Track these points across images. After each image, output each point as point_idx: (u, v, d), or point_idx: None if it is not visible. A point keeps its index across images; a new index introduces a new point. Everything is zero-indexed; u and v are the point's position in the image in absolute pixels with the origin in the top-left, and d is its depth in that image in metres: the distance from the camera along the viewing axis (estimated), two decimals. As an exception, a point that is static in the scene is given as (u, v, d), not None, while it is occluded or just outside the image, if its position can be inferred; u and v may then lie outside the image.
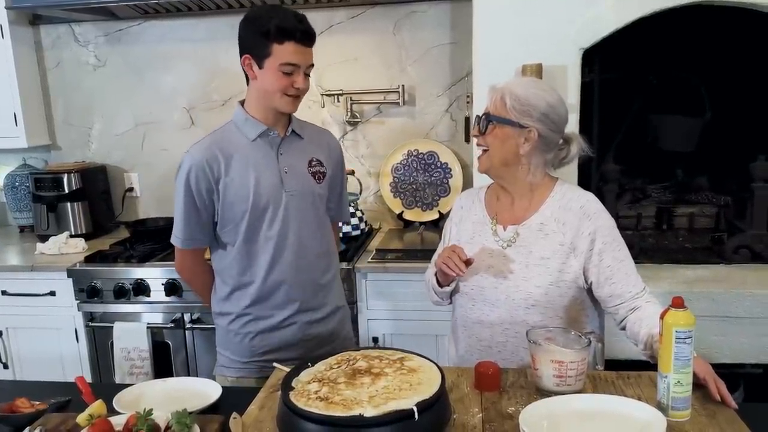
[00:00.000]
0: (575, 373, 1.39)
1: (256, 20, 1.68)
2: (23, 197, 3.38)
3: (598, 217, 1.61)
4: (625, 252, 1.62)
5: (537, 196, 1.67)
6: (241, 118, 1.79)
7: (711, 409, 1.34)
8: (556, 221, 1.63)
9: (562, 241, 1.61)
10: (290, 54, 1.66)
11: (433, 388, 1.25)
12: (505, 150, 1.62)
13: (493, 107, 1.61)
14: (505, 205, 1.71)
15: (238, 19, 3.10)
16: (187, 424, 1.26)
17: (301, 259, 1.82)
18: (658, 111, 2.78)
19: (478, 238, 1.71)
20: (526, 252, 1.63)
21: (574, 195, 1.66)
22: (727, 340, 2.32)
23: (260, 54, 1.69)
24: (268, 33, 1.65)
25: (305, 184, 1.81)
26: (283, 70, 1.67)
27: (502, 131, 1.60)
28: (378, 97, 3.13)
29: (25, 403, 1.48)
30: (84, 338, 2.77)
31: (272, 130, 1.79)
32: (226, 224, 1.78)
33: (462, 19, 2.95)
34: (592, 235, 1.60)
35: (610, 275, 1.60)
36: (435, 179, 3.09)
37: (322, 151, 1.89)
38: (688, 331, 1.27)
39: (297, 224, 1.80)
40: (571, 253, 1.61)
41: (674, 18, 2.34)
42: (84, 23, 3.29)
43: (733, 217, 2.70)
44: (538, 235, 1.64)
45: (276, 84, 1.69)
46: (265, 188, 1.75)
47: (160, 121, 3.35)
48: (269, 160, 1.78)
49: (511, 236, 1.66)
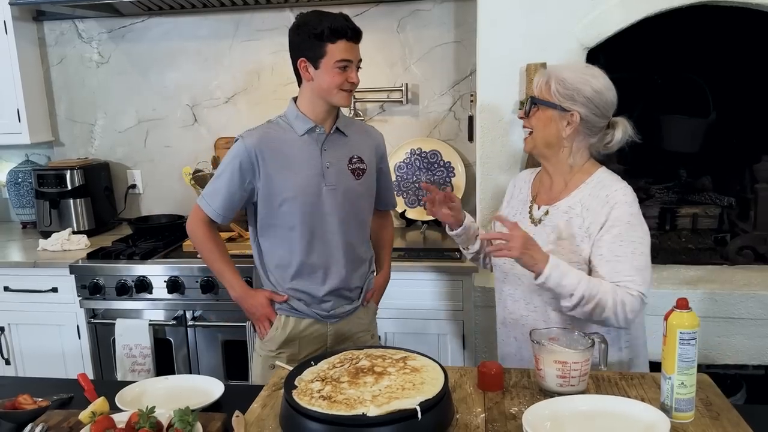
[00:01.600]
0: (579, 374, 1.39)
1: (308, 25, 1.79)
2: (26, 193, 3.38)
3: (618, 207, 1.61)
4: (630, 249, 1.58)
5: (574, 180, 1.70)
6: (292, 114, 1.91)
7: (715, 410, 1.33)
8: (582, 206, 1.65)
9: (581, 225, 1.64)
10: (343, 51, 1.78)
11: (437, 387, 1.25)
12: (548, 132, 1.66)
13: (538, 90, 1.66)
14: (545, 185, 1.76)
15: (241, 16, 3.17)
16: (190, 422, 1.26)
17: (337, 251, 1.92)
18: (663, 111, 2.77)
19: (518, 216, 1.78)
20: (549, 231, 1.68)
21: (607, 183, 1.67)
22: (730, 342, 2.31)
23: (315, 55, 1.80)
24: (322, 35, 1.76)
25: (344, 179, 1.92)
26: (338, 66, 1.79)
27: (545, 114, 1.65)
28: (381, 95, 3.12)
29: (27, 400, 1.48)
30: (86, 335, 2.77)
31: (319, 126, 1.90)
32: (267, 211, 1.89)
33: (466, 17, 2.95)
34: (606, 221, 1.61)
35: (599, 263, 1.59)
36: (438, 178, 3.08)
37: (366, 148, 1.99)
38: (692, 332, 1.27)
39: (335, 218, 1.90)
40: (586, 238, 1.63)
41: (679, 18, 2.33)
42: (88, 20, 3.29)
43: (736, 217, 2.70)
44: (563, 217, 1.67)
45: (333, 81, 1.80)
46: (307, 181, 1.87)
47: (163, 118, 3.35)
48: (313, 155, 1.89)
49: (541, 215, 1.72)
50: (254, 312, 1.96)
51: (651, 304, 2.32)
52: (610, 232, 1.59)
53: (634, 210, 1.62)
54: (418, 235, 2.99)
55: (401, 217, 3.13)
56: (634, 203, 1.64)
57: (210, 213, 1.92)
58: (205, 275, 2.60)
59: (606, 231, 1.60)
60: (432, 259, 2.60)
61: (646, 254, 1.60)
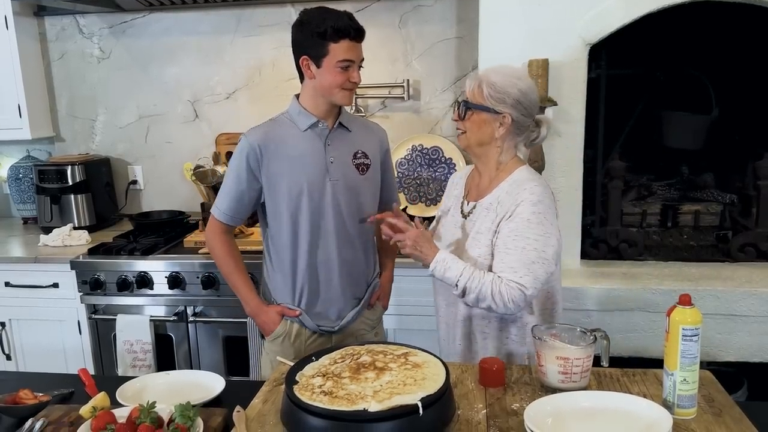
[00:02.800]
0: (580, 370, 1.39)
1: (311, 23, 1.78)
2: (27, 189, 3.38)
3: (522, 204, 1.66)
4: (521, 244, 1.62)
5: (498, 178, 1.77)
6: (295, 110, 1.91)
7: (717, 407, 1.33)
8: (499, 202, 1.72)
9: (493, 219, 1.71)
10: (346, 51, 1.77)
11: (438, 383, 1.25)
12: (482, 133, 1.73)
13: (471, 94, 1.72)
14: (476, 182, 1.84)
15: (242, 12, 3.16)
16: (191, 417, 1.26)
17: (343, 245, 1.93)
18: (665, 108, 2.76)
19: (453, 211, 1.87)
20: (471, 225, 1.77)
21: (522, 181, 1.72)
22: (732, 339, 2.31)
23: (318, 54, 1.79)
24: (325, 33, 1.75)
25: (349, 174, 1.92)
26: (340, 66, 1.78)
27: (479, 117, 1.71)
28: (383, 91, 3.12)
29: (28, 395, 1.48)
30: (87, 330, 2.77)
31: (322, 122, 1.90)
32: (273, 208, 1.90)
33: (468, 13, 2.94)
34: (509, 216, 1.67)
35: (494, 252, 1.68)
36: (439, 174, 3.08)
37: (370, 143, 2.00)
38: (695, 328, 1.27)
39: (339, 211, 1.91)
40: (494, 231, 1.70)
41: (682, 14, 2.32)
42: (89, 15, 3.28)
43: (738, 215, 2.69)
44: (484, 212, 1.74)
45: (335, 80, 1.80)
46: (311, 175, 1.87)
47: (164, 113, 3.34)
48: (317, 150, 1.89)
49: (469, 210, 1.80)
50: (266, 328, 1.98)
51: (653, 300, 2.33)
52: (508, 226, 1.67)
53: (537, 209, 1.65)
54: (419, 231, 2.98)
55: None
56: (541, 203, 1.66)
57: (221, 217, 1.94)
58: (206, 271, 2.59)
59: (505, 224, 1.67)
60: (433, 255, 2.59)
61: (538, 250, 1.63)
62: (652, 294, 2.32)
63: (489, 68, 1.77)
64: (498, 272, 1.64)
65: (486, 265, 1.69)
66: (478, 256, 1.71)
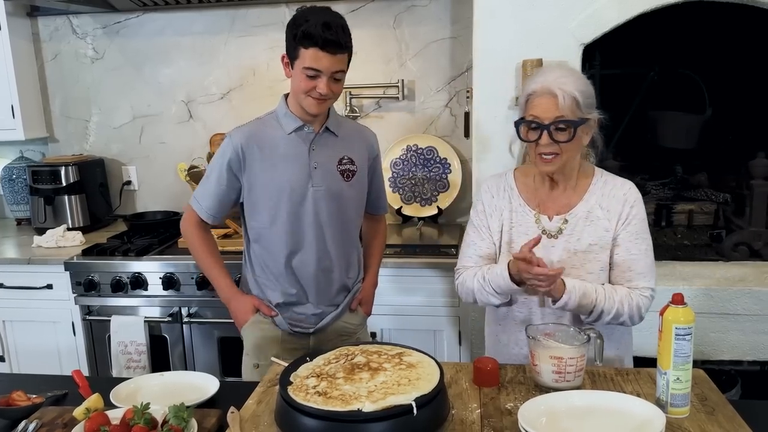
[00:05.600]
0: (574, 370, 1.39)
1: (294, 22, 1.73)
2: (20, 190, 3.37)
3: (636, 204, 1.64)
4: (642, 247, 1.63)
5: (581, 185, 1.68)
6: (282, 111, 1.86)
7: (710, 405, 1.33)
8: (601, 208, 1.65)
9: (607, 228, 1.64)
10: (312, 59, 1.70)
11: (432, 383, 1.25)
12: (578, 149, 1.62)
13: (568, 111, 1.53)
14: (549, 194, 1.69)
15: (236, 12, 3.16)
16: (185, 418, 1.26)
17: (322, 252, 1.88)
18: (659, 107, 2.77)
19: (518, 228, 1.70)
20: (575, 240, 1.64)
21: (616, 182, 1.68)
22: (726, 337, 2.32)
23: (291, 55, 1.75)
24: (296, 36, 1.70)
25: (332, 180, 1.86)
26: (306, 73, 1.72)
27: (579, 131, 1.57)
28: (377, 91, 3.12)
29: (21, 396, 1.48)
30: (81, 332, 2.76)
31: (308, 125, 1.84)
32: (252, 210, 1.87)
33: (462, 13, 2.94)
34: (625, 219, 1.63)
35: (616, 261, 1.63)
36: (434, 174, 3.08)
37: (358, 149, 1.93)
38: (687, 327, 1.27)
39: (321, 220, 1.85)
40: (610, 239, 1.64)
41: (676, 14, 2.33)
42: (82, 15, 3.27)
43: (732, 214, 2.70)
44: (585, 223, 1.65)
45: (300, 86, 1.75)
46: (293, 181, 1.82)
47: (159, 114, 3.33)
48: (300, 155, 1.83)
49: (558, 226, 1.66)
50: (237, 316, 1.95)
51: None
52: (627, 230, 1.62)
53: (644, 207, 1.66)
54: (414, 231, 2.98)
55: (397, 214, 3.12)
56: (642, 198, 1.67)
57: (201, 213, 1.91)
58: (200, 272, 2.59)
59: (623, 229, 1.62)
60: (428, 255, 2.59)
61: (652, 248, 1.65)
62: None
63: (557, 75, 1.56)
64: (627, 282, 1.60)
65: (605, 277, 1.63)
66: (600, 270, 1.62)
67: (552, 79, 1.55)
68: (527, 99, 1.59)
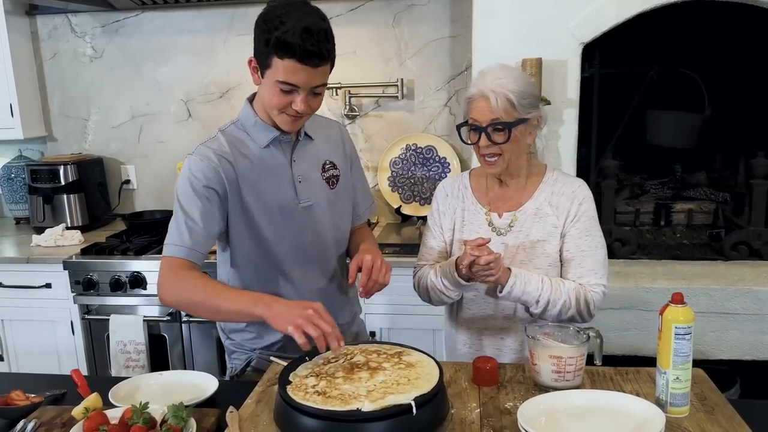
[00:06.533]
0: (574, 369, 1.39)
1: (266, 22, 1.41)
2: (19, 189, 3.36)
3: (585, 201, 1.66)
4: (592, 244, 1.64)
5: (531, 183, 1.70)
6: (250, 121, 1.58)
7: (710, 405, 1.33)
8: (549, 205, 1.67)
9: (555, 224, 1.66)
10: (288, 72, 1.41)
11: (431, 382, 1.25)
12: (520, 148, 1.62)
13: (503, 113, 1.53)
14: (499, 192, 1.72)
15: (236, 10, 3.15)
16: (183, 418, 1.26)
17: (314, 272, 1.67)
18: (658, 107, 2.77)
19: (470, 227, 1.72)
20: (523, 236, 1.67)
21: (566, 180, 1.70)
22: (725, 337, 2.32)
23: (262, 62, 1.45)
24: (269, 42, 1.40)
25: (319, 192, 1.63)
26: (280, 87, 1.44)
27: (518, 132, 1.57)
28: (377, 90, 3.11)
29: (20, 396, 1.47)
30: (80, 331, 2.76)
31: (284, 135, 1.58)
32: (236, 240, 1.60)
33: (462, 12, 2.93)
34: (574, 216, 1.65)
35: (566, 258, 1.65)
36: (433, 174, 3.08)
37: (334, 148, 1.70)
38: (687, 327, 1.27)
39: (310, 238, 1.63)
40: (558, 236, 1.66)
41: (675, 13, 2.33)
42: (81, 14, 3.26)
43: (731, 213, 2.70)
44: (534, 220, 1.67)
45: (273, 101, 1.47)
46: (278, 201, 1.58)
47: (157, 113, 3.33)
48: (282, 170, 1.59)
49: (507, 223, 1.69)
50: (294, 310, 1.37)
51: (646, 299, 2.34)
52: (576, 227, 1.64)
53: (594, 203, 1.68)
54: (413, 230, 2.98)
55: (397, 213, 3.12)
56: (592, 195, 1.69)
57: (182, 253, 1.51)
58: (199, 271, 2.58)
59: (572, 225, 1.64)
60: (427, 254, 2.59)
61: (604, 247, 1.66)
62: (645, 293, 2.33)
63: (495, 76, 1.55)
64: (578, 278, 1.61)
65: (554, 274, 1.64)
66: (548, 266, 1.64)
67: (488, 82, 1.55)
68: (467, 102, 1.61)
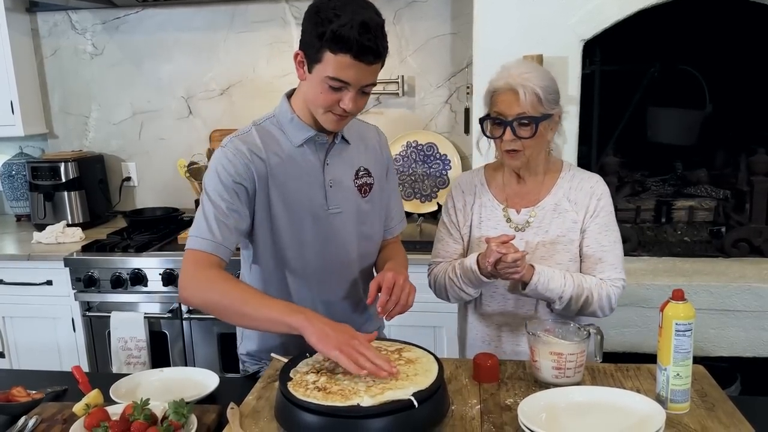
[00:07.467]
0: (574, 365, 1.39)
1: (318, 14, 1.35)
2: (20, 186, 3.36)
3: (603, 197, 1.66)
4: (611, 238, 1.64)
5: (548, 179, 1.70)
6: (286, 117, 1.51)
7: (710, 401, 1.33)
8: (568, 201, 1.66)
9: (575, 219, 1.65)
10: (340, 68, 1.35)
11: (431, 379, 1.25)
12: (541, 144, 1.62)
13: (530, 107, 1.53)
14: (517, 188, 1.71)
15: (236, 8, 3.15)
16: (184, 414, 1.26)
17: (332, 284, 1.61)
18: (659, 104, 2.77)
19: (487, 223, 1.71)
20: (543, 232, 1.66)
21: (584, 176, 1.70)
22: (725, 334, 2.32)
23: (312, 56, 1.38)
24: (323, 35, 1.33)
25: (350, 199, 1.57)
26: (329, 84, 1.38)
27: (542, 127, 1.57)
28: (377, 87, 3.09)
29: (21, 392, 1.48)
30: (81, 328, 2.76)
31: (320, 135, 1.52)
32: (258, 240, 1.54)
33: (462, 9, 2.93)
34: (593, 212, 1.65)
35: (586, 253, 1.65)
36: (434, 171, 3.08)
37: (371, 154, 1.63)
38: (687, 323, 1.27)
39: (338, 247, 1.57)
40: (578, 231, 1.66)
41: (676, 10, 2.32)
42: (81, 11, 3.26)
43: (732, 210, 2.70)
44: (553, 215, 1.66)
45: (318, 98, 1.41)
46: (307, 205, 1.52)
47: (158, 110, 3.33)
48: (314, 172, 1.52)
49: (526, 219, 1.68)
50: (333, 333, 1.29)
51: (647, 296, 2.34)
52: (596, 222, 1.64)
53: (611, 199, 1.69)
54: (414, 227, 2.98)
55: (397, 210, 3.12)
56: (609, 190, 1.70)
57: (209, 248, 1.41)
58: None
59: (592, 221, 1.64)
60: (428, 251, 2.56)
61: (622, 242, 1.68)
62: (646, 289, 2.33)
63: (513, 71, 1.55)
64: (599, 273, 1.61)
65: (574, 269, 1.64)
66: (569, 261, 1.63)
67: (515, 76, 1.54)
68: (491, 96, 1.60)
